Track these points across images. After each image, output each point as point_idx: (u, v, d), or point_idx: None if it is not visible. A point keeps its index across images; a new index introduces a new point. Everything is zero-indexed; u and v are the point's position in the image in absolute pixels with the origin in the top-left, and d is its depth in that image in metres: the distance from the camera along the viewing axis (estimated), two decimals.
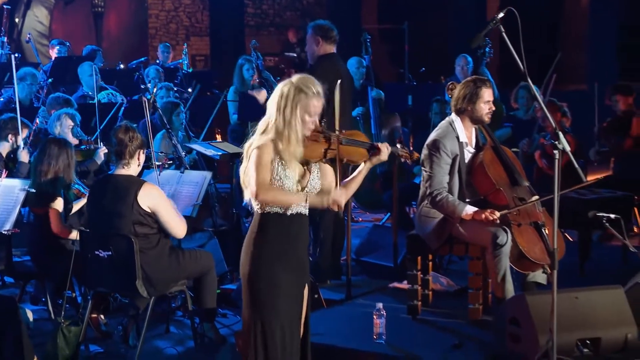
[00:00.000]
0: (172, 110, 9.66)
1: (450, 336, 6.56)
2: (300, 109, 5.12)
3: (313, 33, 8.45)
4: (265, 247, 5.27)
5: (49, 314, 7.85)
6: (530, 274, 6.81)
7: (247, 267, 5.31)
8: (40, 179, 7.57)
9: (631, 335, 6.06)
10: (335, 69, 8.37)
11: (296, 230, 5.33)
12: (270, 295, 5.25)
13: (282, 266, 5.28)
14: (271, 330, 5.24)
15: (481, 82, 6.92)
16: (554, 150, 5.55)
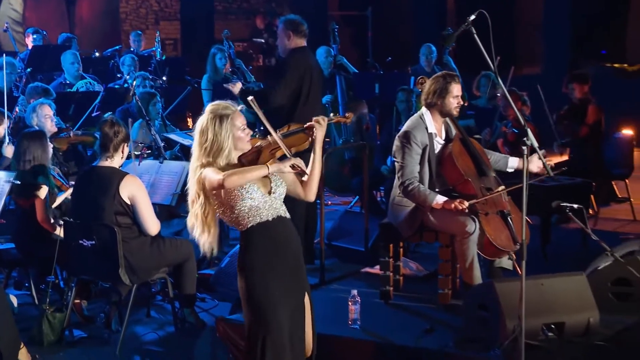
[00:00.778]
0: (149, 100, 9.63)
1: (422, 320, 6.59)
2: (233, 129, 5.11)
3: (284, 27, 8.47)
4: (255, 261, 5.16)
5: (33, 300, 7.89)
6: (496, 260, 6.88)
7: (243, 285, 5.21)
8: (21, 172, 7.56)
9: (593, 319, 6.13)
10: (306, 61, 8.44)
11: (283, 235, 5.23)
12: (269, 309, 5.13)
13: (276, 276, 5.17)
14: (276, 343, 5.13)
15: (450, 77, 6.96)
16: (522, 146, 5.54)
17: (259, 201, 5.12)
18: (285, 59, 8.51)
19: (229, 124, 5.10)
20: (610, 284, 6.62)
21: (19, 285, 8.26)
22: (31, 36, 13.47)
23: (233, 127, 5.12)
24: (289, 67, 8.41)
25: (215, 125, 5.09)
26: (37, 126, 8.70)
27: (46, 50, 12.79)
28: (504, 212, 6.79)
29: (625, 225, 10.32)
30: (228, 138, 5.10)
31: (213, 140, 5.08)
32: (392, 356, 6.15)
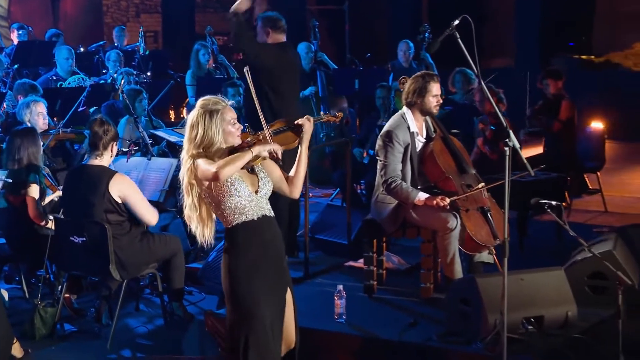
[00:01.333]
0: (135, 97, 9.58)
1: (405, 314, 6.62)
2: (223, 123, 5.08)
3: (262, 25, 8.45)
4: (239, 260, 5.13)
5: (24, 293, 7.87)
6: (476, 255, 6.91)
7: (227, 282, 5.18)
8: (13, 169, 7.52)
9: (571, 313, 6.18)
10: (284, 55, 8.40)
11: (268, 235, 5.21)
12: (253, 307, 5.11)
13: (260, 275, 5.15)
14: (259, 341, 5.10)
15: (429, 77, 6.99)
16: (504, 147, 5.57)
17: (246, 199, 5.09)
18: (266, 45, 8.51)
19: (219, 118, 5.08)
20: (586, 278, 6.68)
21: (9, 279, 8.22)
22: (16, 32, 13.39)
23: (223, 121, 5.09)
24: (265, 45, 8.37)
25: (206, 120, 5.06)
26: (28, 122, 8.63)
27: (32, 45, 12.71)
28: (484, 209, 6.83)
29: (597, 216, 10.37)
30: (218, 133, 5.07)
31: (203, 135, 5.06)
32: (377, 350, 6.18)
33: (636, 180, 12.52)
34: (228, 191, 5.06)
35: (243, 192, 5.09)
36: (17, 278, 8.11)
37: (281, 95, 8.22)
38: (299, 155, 5.35)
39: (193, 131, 5.09)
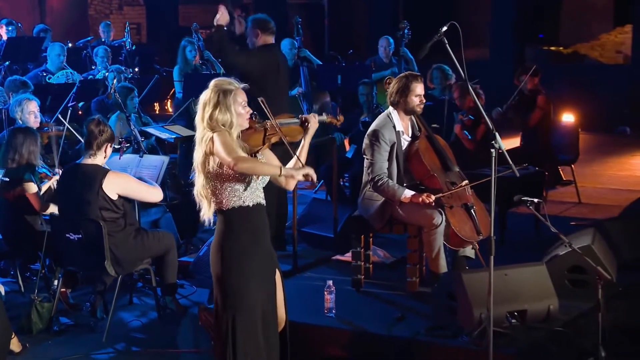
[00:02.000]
0: (127, 95, 9.53)
1: (393, 308, 6.61)
2: (235, 104, 5.07)
3: (252, 26, 8.46)
4: (233, 244, 5.13)
5: (19, 287, 7.83)
6: (460, 250, 6.93)
7: (219, 266, 5.18)
8: (9, 167, 7.47)
9: (553, 306, 6.21)
10: (274, 57, 8.42)
11: (260, 223, 5.22)
12: (242, 290, 5.13)
13: (251, 259, 5.15)
14: (246, 323, 5.13)
15: (413, 77, 6.98)
16: (491, 149, 5.58)
17: (246, 184, 5.09)
18: (259, 48, 8.47)
19: (231, 98, 5.06)
20: (566, 272, 6.70)
21: (4, 273, 8.18)
22: (4, 27, 13.26)
23: (235, 102, 5.07)
24: (254, 51, 8.39)
25: (219, 98, 5.03)
26: (20, 120, 8.58)
27: (21, 41, 12.62)
28: (467, 205, 6.84)
29: (571, 207, 10.44)
30: (232, 112, 5.05)
31: (216, 113, 5.02)
32: (367, 344, 6.19)
33: (607, 171, 12.64)
34: (232, 173, 5.05)
35: (245, 177, 5.08)
36: (12, 272, 8.08)
37: (270, 96, 8.18)
38: (301, 149, 5.35)
39: (206, 109, 5.05)
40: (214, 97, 5.05)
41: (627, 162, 13.35)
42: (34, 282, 8.01)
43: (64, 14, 17.87)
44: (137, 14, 21.03)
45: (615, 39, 19.38)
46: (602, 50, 19.46)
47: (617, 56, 19.09)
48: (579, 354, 6.05)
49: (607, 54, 19.18)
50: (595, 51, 19.37)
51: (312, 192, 11.18)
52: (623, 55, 18.92)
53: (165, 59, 15.47)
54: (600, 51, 19.42)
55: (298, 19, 12.11)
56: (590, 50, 19.37)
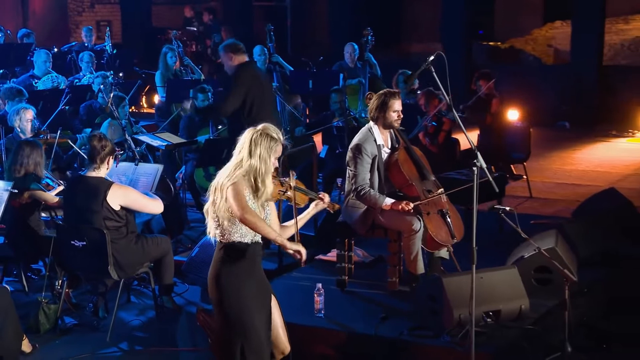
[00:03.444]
0: (119, 104, 9.40)
1: (376, 307, 6.61)
2: (272, 153, 5.03)
3: (224, 52, 8.57)
4: (231, 274, 5.09)
5: (23, 287, 7.74)
6: (435, 252, 6.96)
7: (217, 294, 5.11)
8: (14, 176, 7.38)
9: (524, 306, 6.26)
10: (251, 73, 8.45)
11: (256, 257, 5.19)
12: (245, 316, 5.08)
13: (246, 284, 5.11)
14: (254, 348, 5.09)
15: (391, 94, 6.96)
16: (473, 168, 5.61)
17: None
18: (234, 75, 8.53)
19: (274, 148, 5.04)
20: (533, 272, 6.75)
21: (8, 273, 8.06)
22: None
23: (275, 152, 5.06)
24: (235, 81, 8.42)
25: (266, 143, 4.99)
26: (18, 128, 8.51)
27: (10, 47, 12.44)
28: (443, 211, 6.86)
29: (523, 202, 10.50)
30: (270, 161, 5.03)
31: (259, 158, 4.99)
32: (355, 343, 6.19)
33: (552, 165, 12.71)
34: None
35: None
36: (14, 272, 7.98)
37: (258, 105, 8.26)
38: (303, 217, 5.40)
39: (254, 146, 4.98)
40: (261, 138, 5.00)
41: (570, 156, 13.43)
42: (35, 281, 7.97)
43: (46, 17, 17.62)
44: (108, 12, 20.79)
45: (547, 34, 19.54)
46: (534, 44, 19.59)
47: (548, 50, 19.24)
48: (548, 349, 6.14)
49: (539, 48, 19.32)
50: (528, 45, 19.48)
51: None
52: (554, 49, 19.10)
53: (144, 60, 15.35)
54: (533, 45, 19.54)
55: (270, 26, 12.05)
56: (525, 44, 19.48)
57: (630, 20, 18.90)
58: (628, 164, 12.81)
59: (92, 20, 19.96)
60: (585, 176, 12.06)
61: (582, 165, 12.80)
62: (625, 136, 14.85)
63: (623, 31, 18.57)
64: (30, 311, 7.04)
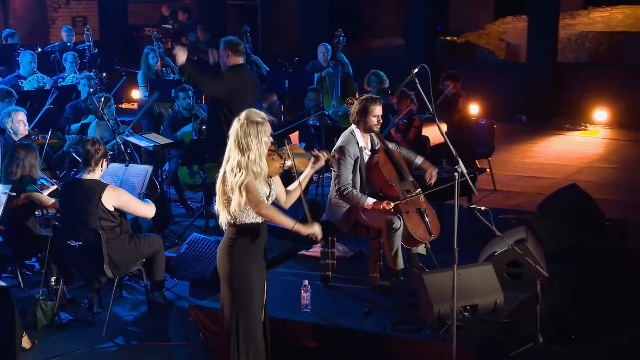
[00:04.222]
0: (105, 104, 9.31)
1: (359, 302, 6.63)
2: (262, 136, 5.12)
3: (224, 47, 8.33)
4: (242, 251, 5.21)
5: (18, 283, 7.65)
6: (414, 248, 7.01)
7: (227, 268, 5.24)
8: (11, 178, 7.30)
9: (499, 300, 6.33)
10: (241, 77, 8.31)
11: (264, 236, 5.33)
12: (249, 291, 5.23)
13: (255, 266, 5.26)
14: (250, 317, 5.24)
15: (372, 100, 6.98)
16: (454, 173, 5.66)
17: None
18: (224, 72, 8.39)
19: (262, 129, 5.14)
20: (505, 266, 6.82)
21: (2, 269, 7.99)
22: None
23: (264, 133, 5.15)
24: (223, 77, 8.30)
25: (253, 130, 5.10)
26: (10, 129, 8.40)
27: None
28: (421, 210, 6.91)
29: (488, 195, 10.58)
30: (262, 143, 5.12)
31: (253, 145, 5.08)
32: (341, 337, 6.22)
33: (513, 159, 12.77)
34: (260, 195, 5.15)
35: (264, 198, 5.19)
36: (9, 268, 7.90)
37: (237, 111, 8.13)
38: (305, 176, 5.44)
39: (243, 135, 5.09)
40: (249, 126, 5.10)
41: (529, 149, 13.50)
42: (29, 277, 7.90)
43: (26, 15, 17.38)
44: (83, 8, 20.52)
45: (499, 29, 19.58)
46: (488, 38, 19.62)
47: (500, 44, 19.29)
48: (521, 341, 6.22)
49: (492, 42, 19.35)
50: (482, 39, 19.52)
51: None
52: (506, 43, 19.16)
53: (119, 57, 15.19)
54: (486, 39, 19.58)
55: (246, 27, 12.02)
56: (479, 39, 19.51)
57: (576, 16, 19.07)
58: (582, 156, 12.94)
59: (68, 16, 19.71)
60: (544, 169, 12.16)
61: (541, 158, 12.88)
62: (578, 129, 14.96)
63: (570, 26, 18.67)
64: (27, 307, 6.96)
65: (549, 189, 10.78)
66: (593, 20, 19.01)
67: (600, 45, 17.45)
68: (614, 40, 17.38)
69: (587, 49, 17.50)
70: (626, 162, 12.56)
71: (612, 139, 14.26)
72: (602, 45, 17.43)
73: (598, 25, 18.77)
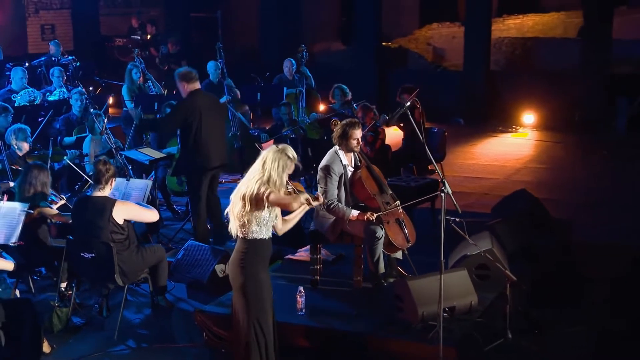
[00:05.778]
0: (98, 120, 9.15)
1: (347, 304, 6.63)
2: (286, 170, 5.32)
3: (179, 80, 8.29)
4: (252, 263, 5.34)
5: (30, 289, 7.53)
6: (393, 254, 7.06)
7: (240, 279, 5.36)
8: (25, 195, 7.15)
9: (474, 302, 6.40)
10: (195, 102, 8.20)
11: (269, 250, 5.49)
12: (260, 298, 5.36)
13: (264, 275, 5.41)
14: (267, 322, 5.37)
15: (352, 125, 6.98)
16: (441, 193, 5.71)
17: (267, 221, 5.34)
18: (183, 100, 8.35)
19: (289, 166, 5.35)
20: (474, 269, 6.89)
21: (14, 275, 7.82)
22: None
23: (287, 169, 5.35)
24: (178, 106, 8.37)
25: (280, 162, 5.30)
26: (15, 146, 8.27)
27: None
28: (399, 220, 6.95)
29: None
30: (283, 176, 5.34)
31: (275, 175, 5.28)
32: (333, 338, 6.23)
33: (456, 160, 12.77)
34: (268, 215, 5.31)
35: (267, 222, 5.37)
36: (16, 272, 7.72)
37: (207, 131, 8.17)
38: (297, 213, 5.61)
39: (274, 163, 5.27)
40: (281, 159, 5.29)
41: (470, 151, 13.57)
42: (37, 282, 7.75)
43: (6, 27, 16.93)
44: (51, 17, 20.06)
45: (426, 34, 19.71)
46: (416, 43, 19.73)
47: (428, 48, 19.41)
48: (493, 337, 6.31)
49: (420, 47, 19.47)
50: (411, 44, 19.62)
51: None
52: (432, 47, 19.28)
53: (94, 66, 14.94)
54: (415, 44, 19.69)
55: (219, 44, 11.92)
56: (408, 43, 19.61)
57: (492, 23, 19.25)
58: (518, 157, 13.11)
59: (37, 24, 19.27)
60: (486, 170, 12.28)
61: (482, 159, 12.97)
62: (510, 132, 15.16)
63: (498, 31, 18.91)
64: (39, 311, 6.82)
65: (495, 189, 11.02)
66: (507, 26, 19.26)
67: (515, 50, 17.70)
68: (527, 45, 17.65)
69: (504, 53, 17.70)
70: (555, 163, 12.76)
71: (540, 141, 14.44)
72: (517, 50, 17.68)
73: (512, 31, 19.01)
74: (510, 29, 19.12)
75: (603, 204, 10.30)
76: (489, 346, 6.20)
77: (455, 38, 18.42)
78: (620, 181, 11.54)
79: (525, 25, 19.55)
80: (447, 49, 18.64)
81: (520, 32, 19.04)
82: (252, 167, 5.37)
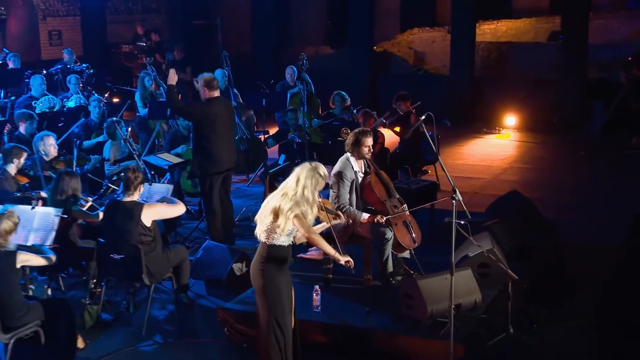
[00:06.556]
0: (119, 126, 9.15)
1: (359, 301, 6.64)
2: (318, 187, 5.37)
3: (202, 84, 8.31)
4: (272, 268, 5.37)
5: (59, 287, 7.49)
6: (400, 254, 7.11)
7: (260, 282, 5.39)
8: (56, 200, 7.15)
9: (478, 299, 6.45)
10: (211, 109, 8.25)
11: (289, 256, 5.52)
12: (278, 299, 5.39)
13: (283, 279, 5.43)
14: (283, 323, 5.41)
15: (363, 133, 7.02)
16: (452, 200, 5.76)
17: (291, 232, 5.38)
18: (201, 103, 8.38)
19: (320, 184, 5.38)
20: (476, 267, 6.94)
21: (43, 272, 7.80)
22: None
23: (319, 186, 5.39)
24: (195, 107, 8.42)
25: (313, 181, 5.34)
26: (42, 151, 8.25)
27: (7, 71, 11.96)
28: (406, 222, 7.00)
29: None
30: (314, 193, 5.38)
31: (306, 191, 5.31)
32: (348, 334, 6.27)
33: (446, 160, 12.60)
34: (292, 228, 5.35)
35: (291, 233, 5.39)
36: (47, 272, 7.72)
37: (220, 137, 8.23)
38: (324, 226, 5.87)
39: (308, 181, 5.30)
40: (314, 177, 5.31)
41: (457, 151, 13.60)
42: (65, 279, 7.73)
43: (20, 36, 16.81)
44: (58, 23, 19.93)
45: (407, 38, 19.70)
46: (399, 47, 19.72)
47: (409, 51, 19.40)
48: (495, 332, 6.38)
49: (403, 50, 19.47)
50: (394, 48, 19.61)
51: (246, 185, 11.12)
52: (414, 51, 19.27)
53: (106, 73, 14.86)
54: (398, 47, 19.69)
55: (225, 53, 11.94)
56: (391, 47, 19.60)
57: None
58: (503, 157, 13.18)
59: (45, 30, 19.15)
60: (474, 170, 12.32)
61: (470, 159, 13.00)
62: (494, 133, 15.24)
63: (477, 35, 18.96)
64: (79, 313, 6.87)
65: (485, 188, 11.08)
66: (483, 31, 19.27)
67: (490, 54, 17.76)
68: (501, 49, 17.72)
69: (480, 56, 17.74)
70: (538, 163, 12.82)
71: (521, 141, 14.52)
72: (492, 54, 17.74)
73: (487, 36, 19.04)
74: (485, 33, 19.15)
75: (586, 204, 10.37)
76: (492, 341, 6.27)
77: (434, 42, 18.46)
78: (599, 182, 11.62)
79: (499, 30, 19.59)
80: (427, 53, 18.65)
81: (495, 36, 19.10)
82: (286, 182, 5.38)
